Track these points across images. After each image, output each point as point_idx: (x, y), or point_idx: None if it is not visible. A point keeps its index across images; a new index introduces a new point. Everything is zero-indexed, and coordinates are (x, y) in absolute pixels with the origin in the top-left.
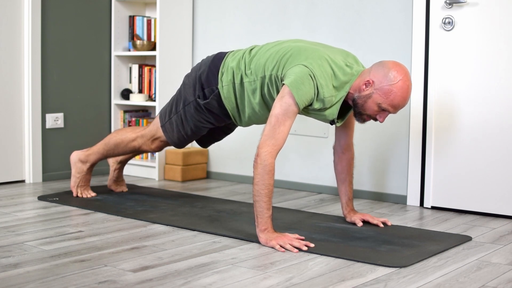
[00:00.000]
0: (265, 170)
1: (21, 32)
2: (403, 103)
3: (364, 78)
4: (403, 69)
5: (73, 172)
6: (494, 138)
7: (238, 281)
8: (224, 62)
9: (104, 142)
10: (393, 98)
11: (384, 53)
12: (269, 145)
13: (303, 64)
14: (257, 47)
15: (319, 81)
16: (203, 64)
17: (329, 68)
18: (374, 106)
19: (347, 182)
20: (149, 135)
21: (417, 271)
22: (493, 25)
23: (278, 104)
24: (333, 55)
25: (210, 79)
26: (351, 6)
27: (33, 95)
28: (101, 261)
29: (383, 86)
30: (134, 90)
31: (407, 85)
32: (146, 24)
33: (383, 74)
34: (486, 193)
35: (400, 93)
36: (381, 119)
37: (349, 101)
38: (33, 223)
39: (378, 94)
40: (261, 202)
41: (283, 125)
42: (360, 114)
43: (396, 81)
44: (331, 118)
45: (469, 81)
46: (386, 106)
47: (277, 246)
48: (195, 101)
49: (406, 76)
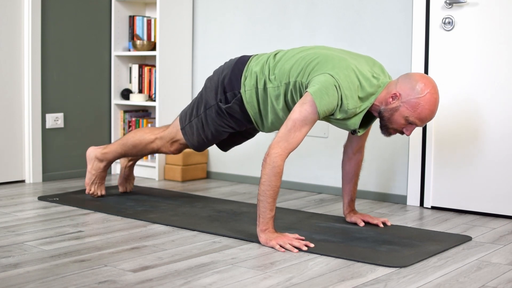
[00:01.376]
0: (273, 172)
1: (21, 32)
2: (430, 116)
3: (390, 90)
4: (430, 81)
5: (88, 169)
6: (494, 138)
7: (238, 281)
8: (247, 66)
9: (121, 142)
10: (421, 111)
11: (384, 53)
12: (281, 147)
13: (329, 74)
14: (282, 52)
15: (344, 92)
16: (225, 68)
17: (356, 79)
18: (401, 119)
19: (353, 183)
20: (169, 137)
21: (417, 271)
22: (493, 25)
23: (298, 109)
24: (360, 65)
25: (233, 83)
26: (351, 6)
27: (33, 95)
28: (101, 261)
29: (411, 99)
30: (134, 90)
31: (434, 97)
32: (146, 24)
33: (410, 87)
34: (486, 193)
35: (428, 106)
36: (408, 133)
37: (374, 113)
38: (33, 223)
39: (405, 107)
40: (264, 202)
41: (299, 131)
42: (386, 127)
43: (423, 94)
44: (353, 127)
45: (469, 81)
46: (413, 120)
47: (277, 246)
48: (217, 105)
49: (433, 89)
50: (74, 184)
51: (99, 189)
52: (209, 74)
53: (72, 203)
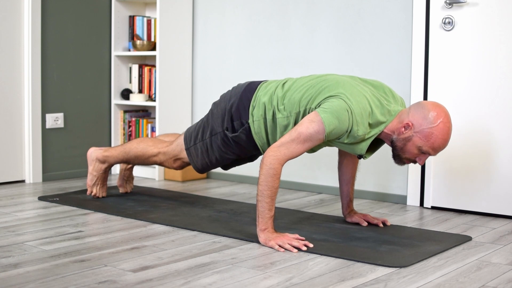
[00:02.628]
0: (270, 173)
1: (21, 32)
2: (444, 145)
3: (402, 119)
4: (443, 110)
5: (90, 170)
6: (494, 138)
7: (238, 281)
8: (255, 95)
9: (124, 150)
10: (434, 141)
11: (384, 53)
12: (281, 152)
13: (342, 98)
14: (290, 81)
15: (356, 118)
16: (233, 95)
17: (368, 105)
18: (414, 149)
19: (350, 184)
20: (172, 154)
21: (417, 271)
22: (493, 25)
23: (306, 124)
24: (371, 91)
25: (240, 112)
26: (351, 6)
27: (33, 95)
28: (101, 261)
29: (423, 128)
30: (134, 90)
31: (447, 127)
32: (146, 24)
33: (423, 116)
34: (486, 193)
35: (441, 135)
36: (421, 162)
37: (384, 140)
38: (33, 223)
39: (418, 137)
40: (263, 202)
41: (302, 144)
42: (399, 157)
43: (436, 123)
44: (360, 153)
45: (469, 81)
46: (426, 149)
47: (276, 246)
48: (223, 132)
49: (446, 118)
50: (74, 184)
51: (100, 191)
52: (209, 74)
53: (72, 203)
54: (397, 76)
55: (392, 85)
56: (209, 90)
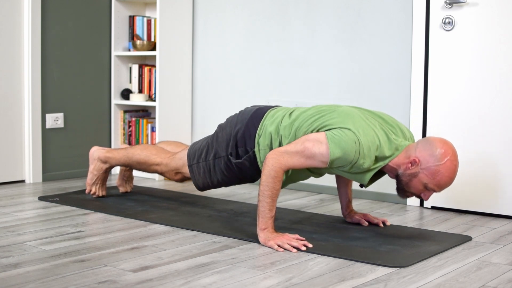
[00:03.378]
0: (271, 175)
1: (21, 32)
2: (450, 183)
3: (409, 155)
4: (450, 147)
5: (91, 169)
6: (494, 138)
7: (238, 281)
8: (262, 124)
9: (127, 154)
10: (440, 179)
11: (384, 53)
12: (283, 158)
13: (351, 130)
14: (298, 111)
15: (363, 150)
16: (239, 121)
17: (377, 139)
18: (419, 186)
19: (348, 185)
20: (174, 167)
21: (417, 271)
22: (493, 25)
23: (313, 143)
24: (380, 124)
25: (246, 139)
26: (351, 6)
27: (33, 95)
28: (101, 261)
29: (430, 166)
30: (134, 90)
31: (454, 164)
32: (146, 24)
33: (430, 153)
34: (486, 193)
35: (448, 173)
36: (426, 198)
37: (388, 173)
38: (33, 223)
39: (424, 174)
40: (264, 202)
41: (304, 159)
42: (404, 191)
43: (443, 161)
44: (361, 182)
45: (469, 81)
46: (432, 186)
47: (275, 246)
48: (227, 157)
49: (453, 155)
50: (74, 184)
51: (99, 190)
52: (209, 74)
53: (72, 203)
54: (397, 76)
55: (392, 85)
56: (209, 90)
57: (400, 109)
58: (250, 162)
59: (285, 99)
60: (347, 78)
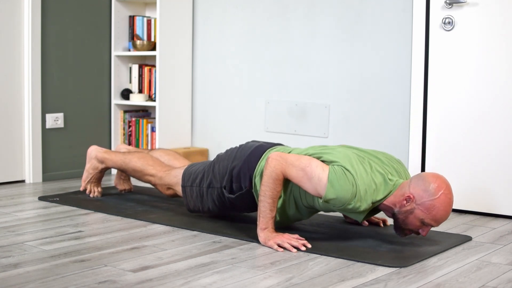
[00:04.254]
0: (272, 176)
1: (21, 32)
2: (446, 216)
3: (403, 192)
4: (443, 181)
5: (87, 167)
6: (494, 138)
7: (238, 281)
8: (259, 164)
9: (124, 160)
10: (436, 213)
11: (384, 53)
12: (287, 164)
13: (350, 172)
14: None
15: (360, 194)
16: (237, 157)
17: (373, 184)
18: (416, 222)
19: None
20: (167, 183)
21: (417, 271)
22: (493, 25)
23: (318, 166)
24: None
25: (241, 177)
26: (351, 6)
27: (33, 95)
28: (101, 261)
29: (425, 201)
30: (134, 90)
31: (449, 197)
32: (146, 24)
33: (424, 189)
34: (486, 193)
35: (443, 207)
36: (424, 233)
37: (385, 212)
38: (33, 223)
39: (419, 209)
40: (265, 202)
41: (302, 175)
42: (401, 229)
43: (437, 195)
44: (356, 219)
45: (469, 81)
46: (428, 221)
47: (275, 246)
48: (221, 189)
49: (447, 189)
50: (74, 184)
51: (94, 189)
52: (209, 74)
53: (72, 203)
54: (397, 76)
55: (392, 86)
56: (209, 90)
57: (400, 109)
58: (242, 199)
59: (285, 99)
60: (347, 78)
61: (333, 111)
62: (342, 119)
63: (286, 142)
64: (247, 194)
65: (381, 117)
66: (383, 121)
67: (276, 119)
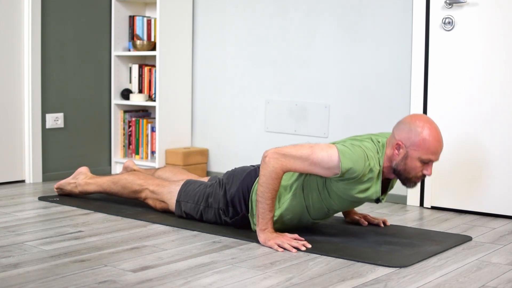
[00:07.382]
0: (272, 176)
1: (21, 32)
2: (440, 145)
3: (392, 144)
4: (422, 117)
5: (70, 180)
6: (494, 138)
7: (238, 281)
8: (253, 189)
9: (112, 180)
10: (429, 145)
11: (384, 53)
12: (286, 159)
13: (352, 144)
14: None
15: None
16: (234, 182)
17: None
18: (415, 163)
19: None
20: (160, 197)
21: (417, 271)
22: (493, 25)
23: (324, 153)
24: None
25: (236, 202)
26: (351, 6)
27: (33, 95)
28: (101, 261)
29: (413, 140)
30: (134, 90)
31: (434, 127)
32: (146, 24)
33: (407, 130)
34: (486, 193)
35: (433, 137)
36: (428, 172)
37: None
38: (33, 223)
39: (412, 150)
40: (264, 203)
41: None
42: (407, 179)
43: (422, 130)
44: (376, 196)
45: (469, 81)
46: (426, 157)
47: (275, 246)
48: (218, 210)
49: (429, 122)
50: None
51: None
52: (209, 74)
53: (72, 203)
54: (397, 76)
55: (392, 86)
56: (209, 90)
57: (400, 109)
58: (235, 224)
59: (285, 99)
60: (347, 78)
61: (333, 111)
62: (342, 119)
63: (286, 142)
64: (243, 218)
65: (381, 117)
66: (383, 121)
67: (276, 119)
